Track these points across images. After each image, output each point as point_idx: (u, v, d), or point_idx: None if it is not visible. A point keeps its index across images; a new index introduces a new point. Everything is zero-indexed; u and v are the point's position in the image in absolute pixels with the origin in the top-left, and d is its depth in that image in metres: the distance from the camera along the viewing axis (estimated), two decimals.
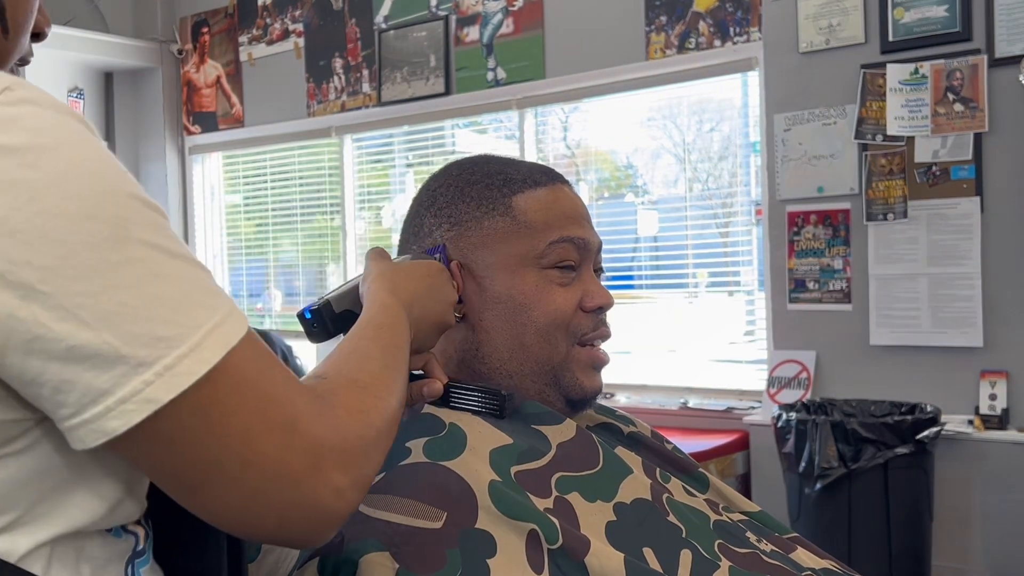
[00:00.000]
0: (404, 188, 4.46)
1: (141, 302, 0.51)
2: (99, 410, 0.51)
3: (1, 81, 0.51)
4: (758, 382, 3.35)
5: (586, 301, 0.97)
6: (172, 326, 0.52)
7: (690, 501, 0.97)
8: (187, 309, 0.53)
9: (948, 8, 2.84)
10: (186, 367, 0.52)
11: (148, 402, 0.51)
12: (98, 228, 0.50)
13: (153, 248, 0.53)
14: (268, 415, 0.55)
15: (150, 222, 0.53)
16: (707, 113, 3.68)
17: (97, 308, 0.50)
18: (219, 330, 0.54)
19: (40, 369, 0.50)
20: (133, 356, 0.50)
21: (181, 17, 4.97)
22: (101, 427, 0.51)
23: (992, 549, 2.75)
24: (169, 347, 0.51)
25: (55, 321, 0.49)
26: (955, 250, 2.86)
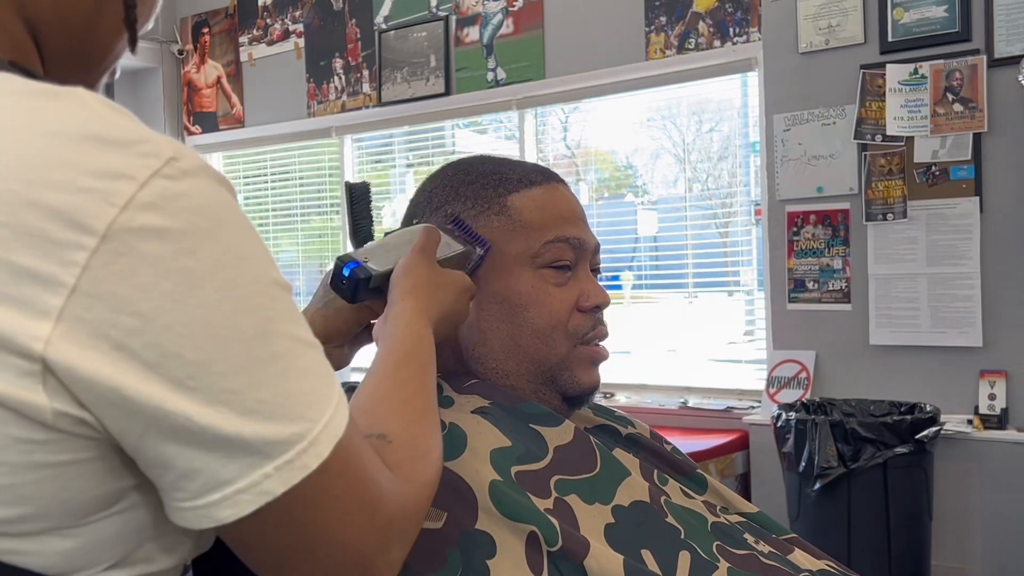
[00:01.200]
0: (404, 188, 4.46)
1: (279, 399, 0.52)
2: (216, 498, 0.52)
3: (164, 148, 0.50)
4: (758, 382, 3.35)
5: (582, 301, 0.97)
6: (300, 421, 0.53)
7: (688, 503, 0.97)
8: (313, 403, 0.54)
9: (947, 8, 2.84)
10: (303, 462, 0.53)
11: (263, 494, 0.52)
12: (249, 323, 0.51)
13: (292, 340, 0.54)
14: (358, 500, 0.57)
15: (288, 310, 0.55)
16: (707, 113, 3.68)
17: (240, 405, 0.51)
18: (332, 422, 0.55)
19: (173, 455, 0.51)
20: (262, 451, 0.52)
21: (181, 17, 4.98)
22: (211, 514, 0.52)
23: (992, 549, 2.76)
24: (293, 442, 0.53)
25: (198, 415, 0.50)
26: (954, 250, 2.86)
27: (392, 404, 0.71)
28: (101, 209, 0.47)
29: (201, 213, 0.50)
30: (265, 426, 0.51)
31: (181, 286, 0.49)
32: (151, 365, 0.48)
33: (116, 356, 0.48)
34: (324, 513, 0.55)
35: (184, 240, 0.49)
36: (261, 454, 0.51)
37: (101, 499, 0.53)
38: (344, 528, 0.56)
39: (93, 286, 0.47)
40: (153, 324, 0.48)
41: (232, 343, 0.50)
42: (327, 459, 0.54)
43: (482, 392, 0.93)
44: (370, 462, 0.59)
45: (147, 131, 0.51)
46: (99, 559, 0.53)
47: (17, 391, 0.47)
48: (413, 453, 0.66)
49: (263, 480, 0.52)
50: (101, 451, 0.51)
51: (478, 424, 0.88)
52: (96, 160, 0.48)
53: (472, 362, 0.96)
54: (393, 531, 0.59)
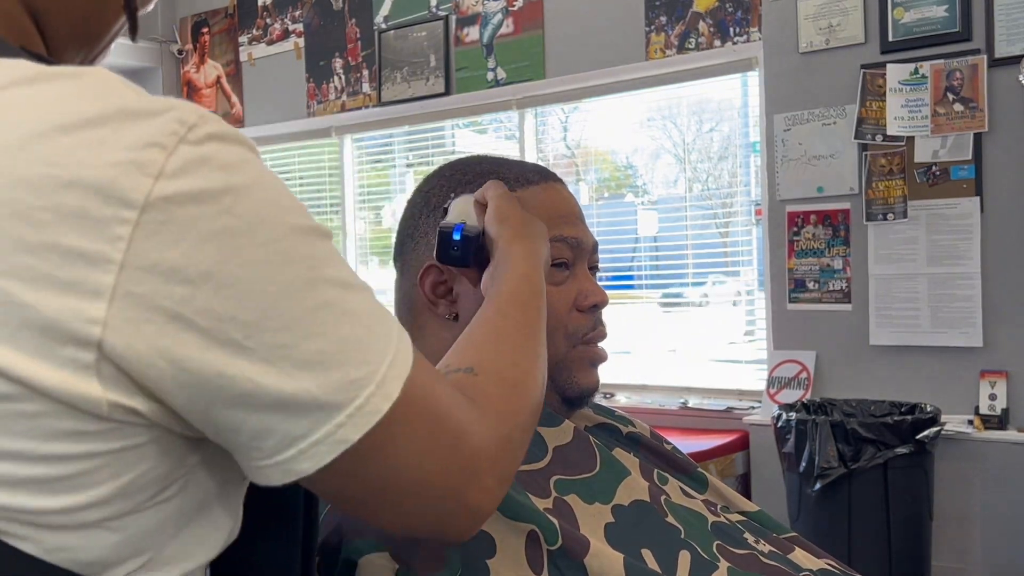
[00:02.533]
0: (404, 188, 4.46)
1: (336, 347, 0.52)
2: (293, 453, 0.52)
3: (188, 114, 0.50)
4: (758, 382, 3.35)
5: (581, 300, 0.96)
6: (362, 366, 0.53)
7: (688, 503, 0.97)
8: (372, 345, 0.54)
9: (948, 8, 2.84)
10: (374, 405, 0.53)
11: (339, 443, 0.52)
12: (294, 274, 0.51)
13: (338, 285, 0.54)
14: (436, 436, 0.57)
15: (330, 255, 0.55)
16: (707, 113, 3.68)
17: (298, 358, 0.51)
18: (397, 360, 0.55)
19: (241, 419, 0.51)
20: (330, 402, 0.52)
21: (181, 17, 4.98)
22: (292, 468, 0.53)
23: (992, 549, 2.75)
24: (360, 388, 0.53)
25: (260, 375, 0.50)
26: (955, 250, 2.86)
27: (485, 340, 0.71)
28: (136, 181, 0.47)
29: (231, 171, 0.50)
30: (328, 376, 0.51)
31: (225, 247, 0.49)
32: (207, 331, 0.49)
33: (173, 328, 0.48)
34: (403, 451, 0.55)
35: (219, 200, 0.49)
36: (331, 404, 0.52)
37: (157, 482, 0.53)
38: (423, 467, 0.56)
39: (140, 259, 0.47)
40: (204, 289, 0.48)
41: (281, 297, 0.50)
42: (398, 398, 0.54)
43: None
44: (445, 396, 0.59)
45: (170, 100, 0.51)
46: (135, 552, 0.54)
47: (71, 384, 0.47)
48: (499, 383, 0.66)
49: (337, 430, 0.52)
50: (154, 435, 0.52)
51: None
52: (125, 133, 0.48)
53: None
54: (481, 461, 0.59)
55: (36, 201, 0.47)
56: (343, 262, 0.56)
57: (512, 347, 0.71)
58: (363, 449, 0.53)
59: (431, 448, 0.57)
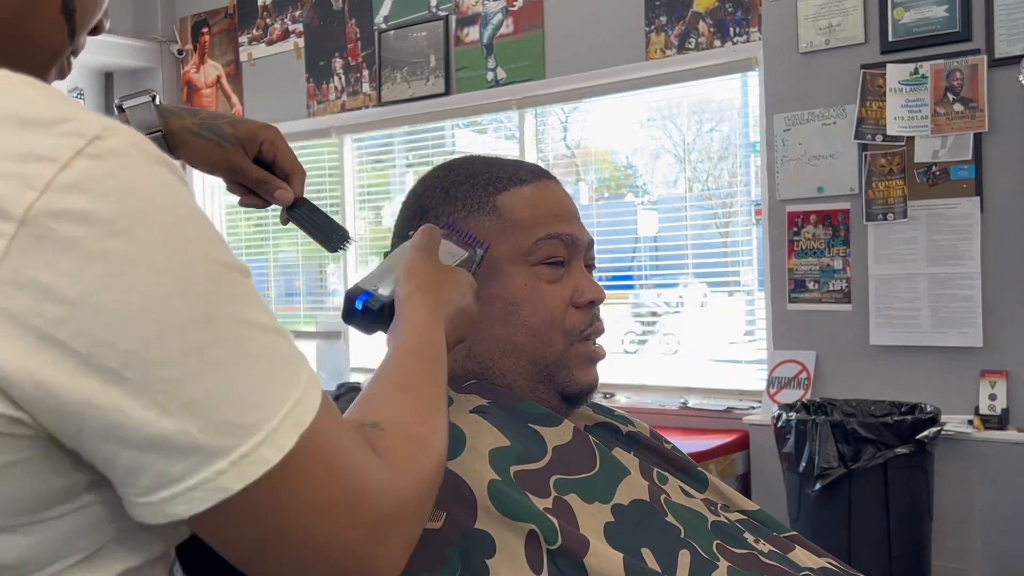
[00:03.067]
0: (404, 188, 4.46)
1: (225, 388, 0.49)
2: (167, 495, 0.49)
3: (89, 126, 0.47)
4: (758, 382, 3.35)
5: (577, 297, 0.96)
6: (253, 411, 0.50)
7: (687, 502, 0.97)
8: (269, 391, 0.51)
9: (948, 8, 2.84)
10: (261, 455, 0.50)
11: (218, 491, 0.49)
12: (187, 307, 0.48)
13: (241, 323, 0.51)
14: (333, 492, 0.53)
15: (238, 291, 0.51)
16: (707, 113, 3.68)
17: (180, 396, 0.48)
18: (296, 410, 0.52)
19: (115, 452, 0.48)
20: (210, 445, 0.48)
21: (181, 17, 4.98)
22: (165, 510, 0.50)
23: (992, 549, 2.75)
24: (247, 435, 0.49)
25: (135, 408, 0.47)
26: (955, 250, 2.86)
27: (391, 394, 0.68)
28: (19, 193, 0.45)
29: (130, 193, 0.47)
30: (211, 418, 0.48)
31: (110, 270, 0.46)
32: (80, 356, 0.46)
33: (43, 347, 0.45)
34: (297, 507, 0.52)
35: (112, 222, 0.46)
36: (211, 449, 0.48)
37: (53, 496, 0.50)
38: (317, 523, 0.52)
39: (14, 274, 0.45)
40: (82, 311, 0.45)
41: (169, 329, 0.47)
42: (292, 451, 0.50)
43: (481, 392, 0.93)
44: (352, 453, 0.55)
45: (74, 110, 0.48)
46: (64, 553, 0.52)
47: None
48: (408, 441, 0.62)
49: (216, 476, 0.49)
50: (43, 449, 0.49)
51: (477, 424, 0.87)
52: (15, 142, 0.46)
53: (469, 362, 0.96)
54: (386, 523, 0.56)
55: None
56: (257, 302, 0.52)
57: (415, 402, 0.68)
58: (249, 500, 0.50)
59: (330, 505, 0.53)
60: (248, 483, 0.49)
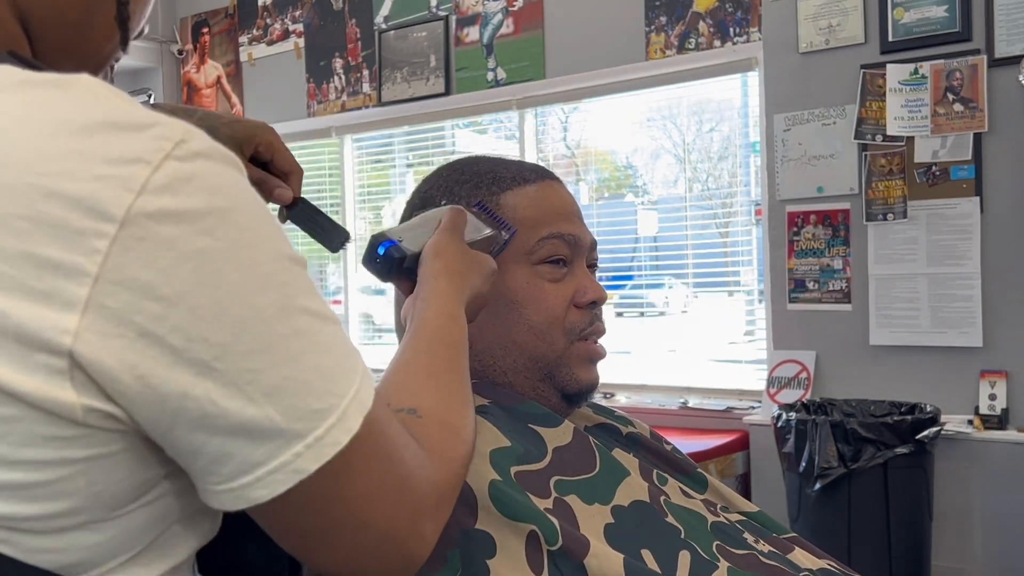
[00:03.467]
0: (404, 188, 4.46)
1: (303, 375, 0.52)
2: (249, 480, 0.52)
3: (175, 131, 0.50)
4: (758, 382, 3.35)
5: (579, 296, 0.97)
6: (326, 397, 0.53)
7: (687, 503, 0.97)
8: (338, 378, 0.54)
9: (948, 8, 2.84)
10: (333, 437, 0.53)
11: (296, 472, 0.52)
12: (269, 300, 0.51)
13: (311, 315, 0.54)
14: (387, 477, 0.57)
15: (305, 285, 0.55)
16: (707, 113, 3.68)
17: (265, 384, 0.51)
18: (360, 395, 0.55)
19: (204, 442, 0.51)
20: (290, 430, 0.51)
21: (181, 17, 4.98)
22: (246, 495, 0.52)
23: (992, 549, 2.75)
24: (322, 419, 0.52)
25: (225, 398, 0.50)
26: (955, 250, 2.86)
27: (422, 380, 0.70)
28: (118, 195, 0.47)
29: (215, 193, 0.50)
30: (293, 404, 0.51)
31: (202, 268, 0.49)
32: (176, 350, 0.48)
33: (143, 344, 0.48)
34: (356, 489, 0.55)
35: (201, 221, 0.49)
36: (292, 433, 0.51)
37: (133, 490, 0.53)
38: (371, 507, 0.56)
39: (116, 273, 0.47)
40: (177, 308, 0.48)
41: (254, 322, 0.50)
42: (358, 432, 0.54)
43: (481, 391, 0.93)
44: (398, 437, 0.59)
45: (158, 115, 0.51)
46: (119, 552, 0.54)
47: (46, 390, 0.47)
48: (443, 428, 0.66)
49: (295, 459, 0.52)
50: (130, 442, 0.51)
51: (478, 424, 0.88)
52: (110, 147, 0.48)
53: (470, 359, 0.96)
54: (423, 507, 0.59)
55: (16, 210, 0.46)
56: (317, 293, 0.56)
57: (449, 390, 0.71)
58: (318, 482, 0.53)
59: (381, 488, 0.56)
60: (323, 463, 0.52)
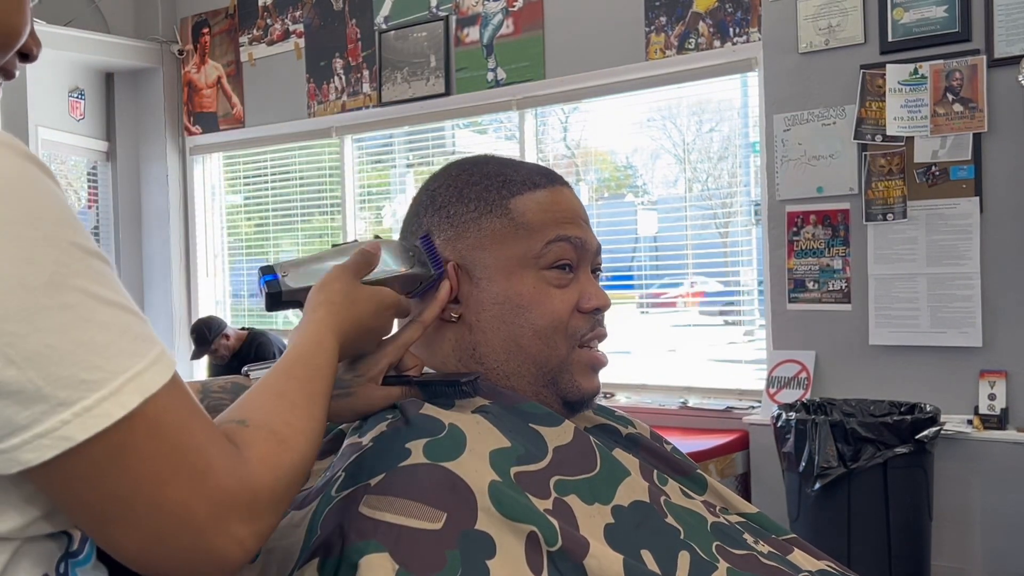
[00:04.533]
0: (404, 188, 4.46)
1: (68, 346, 0.53)
2: (16, 442, 0.53)
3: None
4: (758, 382, 3.35)
5: (583, 302, 0.97)
6: (95, 370, 0.54)
7: (687, 503, 0.97)
8: (112, 355, 0.55)
9: (947, 8, 2.85)
10: (103, 410, 0.54)
11: (63, 439, 0.53)
12: (36, 272, 0.53)
13: (87, 295, 0.55)
14: (180, 463, 0.57)
15: (89, 270, 0.56)
16: (707, 113, 3.68)
17: (25, 348, 0.52)
18: (142, 377, 0.56)
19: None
20: (54, 396, 0.53)
21: (182, 17, 4.98)
22: (16, 457, 0.53)
23: (992, 549, 2.76)
24: (89, 390, 0.53)
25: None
26: (954, 250, 2.86)
27: (267, 397, 0.71)
28: None
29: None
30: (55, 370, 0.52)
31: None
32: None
33: None
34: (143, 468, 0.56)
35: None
36: (55, 399, 0.52)
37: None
38: (162, 490, 0.56)
39: None
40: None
41: (16, 289, 0.52)
42: (135, 411, 0.55)
43: (483, 393, 0.93)
44: (202, 433, 0.59)
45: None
46: None
47: None
48: (269, 437, 0.66)
49: (61, 426, 0.53)
50: None
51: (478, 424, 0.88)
52: None
53: (473, 363, 0.96)
54: (232, 505, 0.59)
55: None
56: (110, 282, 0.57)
57: (289, 406, 0.71)
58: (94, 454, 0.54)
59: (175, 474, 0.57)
60: (91, 434, 0.54)
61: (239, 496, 0.60)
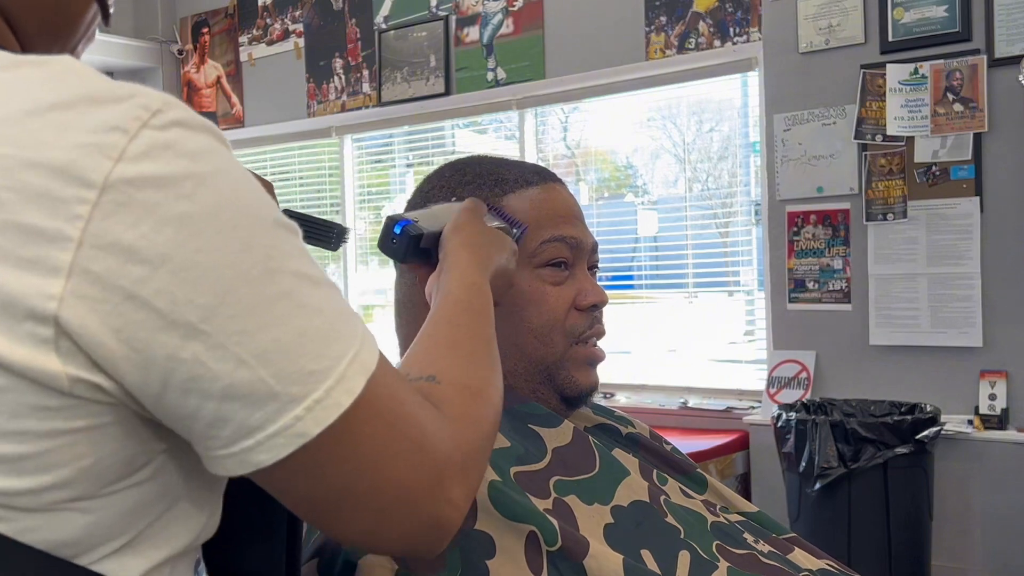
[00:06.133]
0: (404, 188, 4.46)
1: (293, 337, 0.51)
2: (250, 444, 0.52)
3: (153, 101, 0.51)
4: (758, 382, 3.35)
5: (580, 299, 0.97)
6: (321, 359, 0.52)
7: (687, 503, 0.97)
8: (333, 340, 0.53)
9: (948, 8, 2.84)
10: (334, 400, 0.52)
11: (298, 436, 0.52)
12: (253, 262, 0.51)
13: (300, 278, 0.53)
14: (399, 439, 0.56)
15: (294, 249, 0.54)
16: (707, 113, 3.68)
17: (254, 346, 0.50)
18: (360, 357, 0.54)
19: (197, 406, 0.51)
20: (285, 393, 0.51)
21: (181, 17, 4.98)
22: (249, 459, 0.52)
23: (992, 549, 2.76)
24: (318, 381, 0.52)
25: (215, 361, 0.50)
26: (955, 250, 2.86)
27: (442, 348, 0.70)
28: (97, 162, 0.48)
29: (194, 158, 0.50)
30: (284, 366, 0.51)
31: (183, 231, 0.49)
32: (162, 312, 0.48)
33: (128, 307, 0.48)
34: (366, 451, 0.54)
35: (179, 186, 0.49)
36: (287, 396, 0.51)
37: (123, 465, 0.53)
38: (385, 470, 0.55)
39: (98, 238, 0.47)
40: (160, 271, 0.48)
41: (239, 284, 0.50)
42: (361, 394, 0.53)
43: None
44: (410, 401, 0.58)
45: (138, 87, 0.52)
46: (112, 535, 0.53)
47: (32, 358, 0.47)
48: (462, 391, 0.65)
49: (295, 423, 0.51)
50: (119, 416, 0.51)
51: None
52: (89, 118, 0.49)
53: None
54: (447, 469, 0.58)
55: None
56: (309, 259, 0.55)
57: (469, 356, 0.70)
58: (323, 445, 0.52)
59: (396, 451, 0.55)
60: (324, 427, 0.52)
61: (452, 459, 0.58)
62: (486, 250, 0.83)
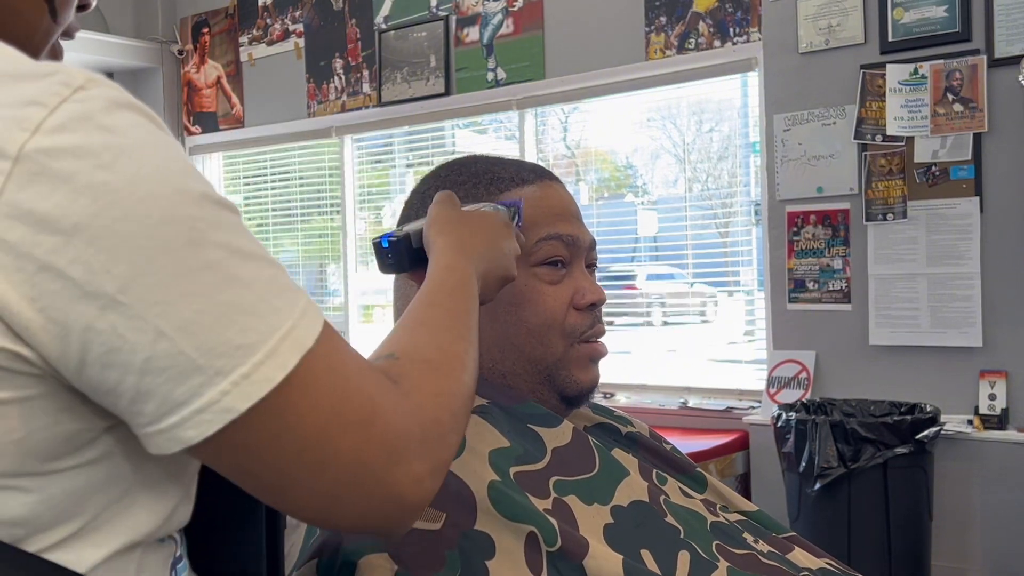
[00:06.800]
0: (404, 188, 4.46)
1: (218, 309, 0.50)
2: (175, 420, 0.50)
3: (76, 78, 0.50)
4: (758, 382, 3.35)
5: (578, 298, 0.96)
6: (249, 333, 0.51)
7: (687, 502, 0.97)
8: (263, 313, 0.52)
9: (948, 8, 2.84)
10: (263, 375, 0.51)
11: (225, 412, 0.50)
12: (175, 232, 0.50)
13: (228, 250, 0.52)
14: (344, 412, 0.54)
15: (224, 222, 0.52)
16: (707, 113, 3.68)
17: (175, 317, 0.49)
18: (295, 332, 0.53)
19: (118, 380, 0.49)
20: (210, 366, 0.50)
21: (182, 17, 4.98)
22: (178, 436, 0.51)
23: (992, 549, 2.76)
24: (246, 355, 0.50)
25: (133, 332, 0.48)
26: (954, 250, 2.86)
27: (410, 327, 0.69)
28: (12, 134, 0.48)
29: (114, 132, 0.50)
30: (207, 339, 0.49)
31: (101, 199, 0.48)
32: (78, 283, 0.48)
33: (43, 277, 0.47)
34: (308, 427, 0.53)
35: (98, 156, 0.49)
36: (211, 369, 0.50)
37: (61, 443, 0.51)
38: (330, 444, 0.53)
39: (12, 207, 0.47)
40: (75, 240, 0.47)
41: (159, 254, 0.49)
42: (295, 370, 0.52)
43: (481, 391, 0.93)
44: (361, 375, 0.56)
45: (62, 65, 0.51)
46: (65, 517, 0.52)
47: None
48: (421, 365, 0.64)
49: (221, 397, 0.50)
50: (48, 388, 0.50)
51: (477, 425, 0.88)
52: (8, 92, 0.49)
53: None
54: (403, 443, 0.56)
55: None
56: (245, 233, 0.54)
57: (435, 332, 0.69)
58: (256, 421, 0.51)
59: (341, 426, 0.54)
60: (254, 402, 0.51)
61: (410, 432, 0.57)
62: (458, 232, 0.82)
